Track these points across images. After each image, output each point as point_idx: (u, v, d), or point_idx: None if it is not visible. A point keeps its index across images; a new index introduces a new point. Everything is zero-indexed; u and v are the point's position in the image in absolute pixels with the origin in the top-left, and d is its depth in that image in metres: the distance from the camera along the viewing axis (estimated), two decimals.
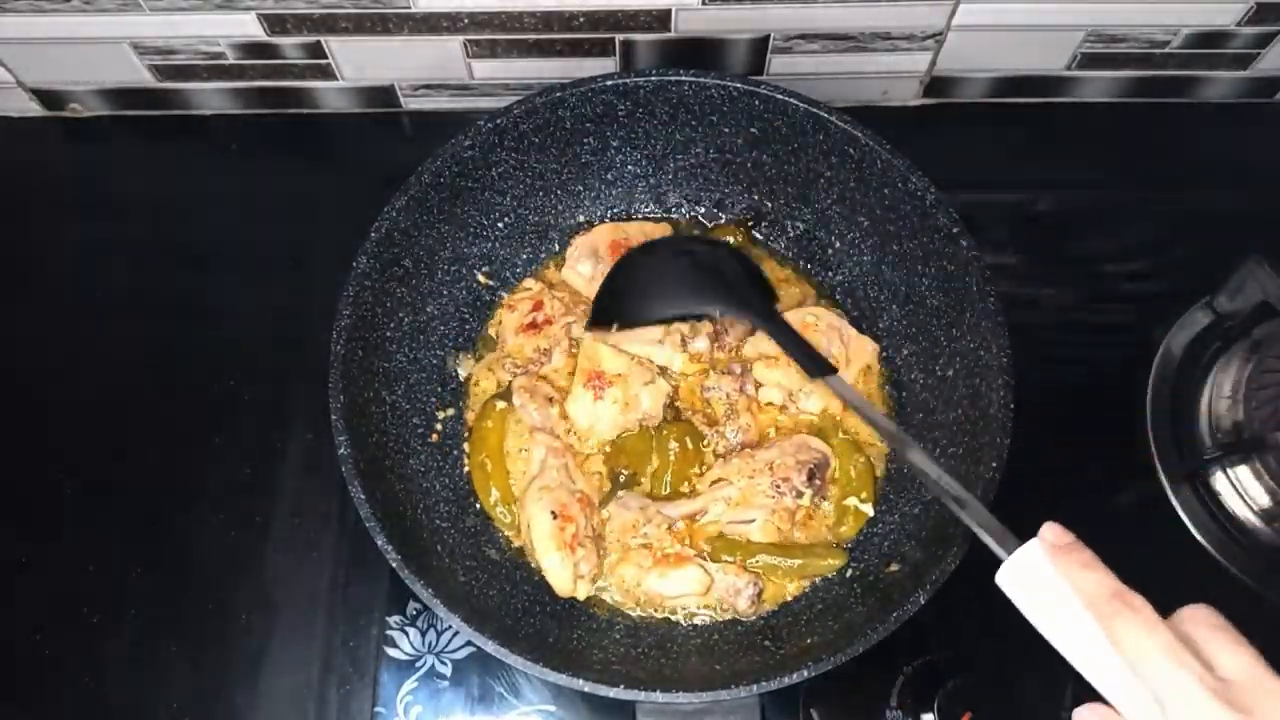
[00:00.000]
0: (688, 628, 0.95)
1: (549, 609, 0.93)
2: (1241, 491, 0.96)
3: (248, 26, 1.07)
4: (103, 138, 1.22)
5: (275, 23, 1.07)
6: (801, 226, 1.07)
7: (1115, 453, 1.03)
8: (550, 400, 1.00)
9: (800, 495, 0.96)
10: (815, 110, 0.94)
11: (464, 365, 1.04)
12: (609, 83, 0.96)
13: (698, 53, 1.12)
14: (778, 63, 1.15)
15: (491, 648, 0.80)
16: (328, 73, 1.15)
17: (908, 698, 0.91)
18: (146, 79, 1.16)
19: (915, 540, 0.92)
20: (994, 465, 0.84)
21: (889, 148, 0.93)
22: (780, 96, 0.95)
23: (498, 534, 0.98)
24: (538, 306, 1.03)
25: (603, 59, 1.13)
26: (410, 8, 1.04)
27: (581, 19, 1.07)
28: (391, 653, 0.98)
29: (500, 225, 1.04)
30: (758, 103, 0.96)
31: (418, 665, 0.98)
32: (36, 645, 0.99)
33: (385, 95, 1.20)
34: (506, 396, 1.01)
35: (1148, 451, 1.01)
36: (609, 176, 1.07)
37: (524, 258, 1.08)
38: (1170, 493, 0.99)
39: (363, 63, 1.14)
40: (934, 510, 0.91)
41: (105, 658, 0.99)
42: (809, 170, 1.01)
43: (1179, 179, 1.19)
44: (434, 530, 0.92)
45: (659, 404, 0.99)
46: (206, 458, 1.06)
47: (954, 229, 0.91)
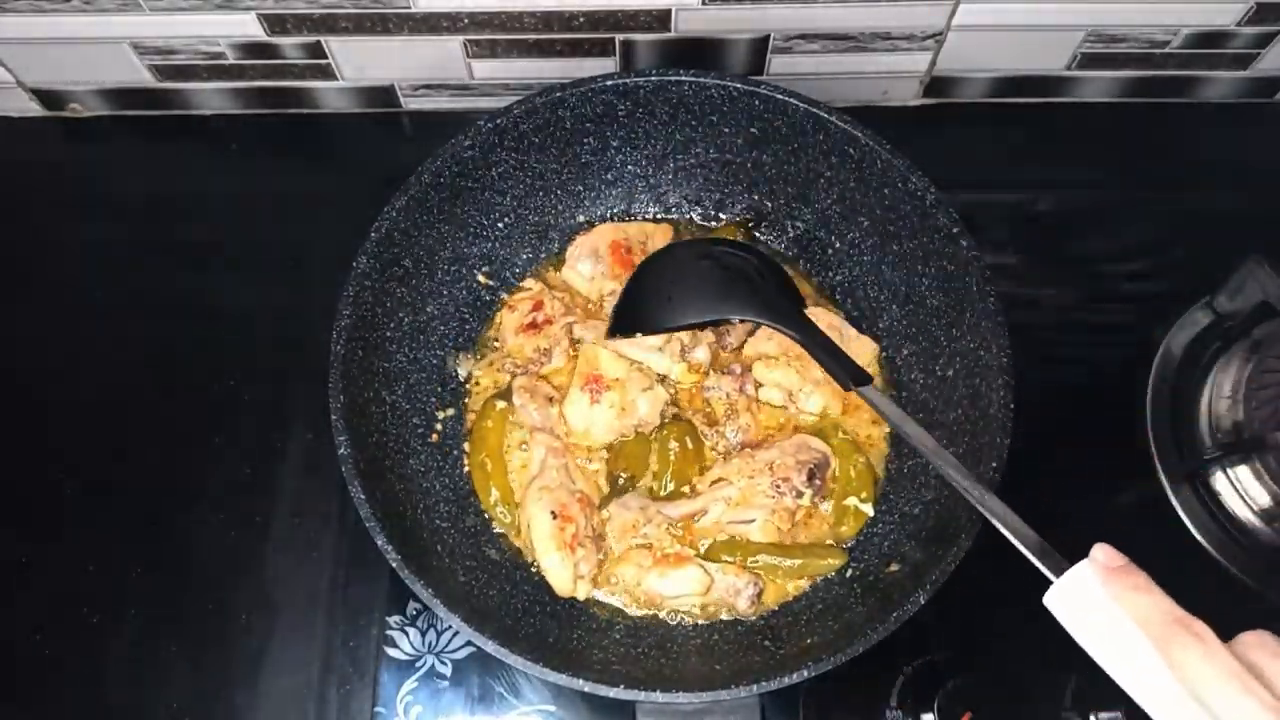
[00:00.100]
0: (688, 628, 0.95)
1: (549, 609, 0.93)
2: (1241, 491, 0.96)
3: (248, 26, 1.07)
4: (103, 138, 1.22)
5: (275, 23, 1.07)
6: (801, 226, 1.07)
7: (1115, 453, 1.03)
8: (550, 400, 1.00)
9: (800, 495, 0.96)
10: (815, 110, 0.94)
11: (464, 365, 1.04)
12: (609, 83, 0.96)
13: (698, 53, 1.12)
14: (778, 63, 1.15)
15: (491, 648, 0.80)
16: (328, 73, 1.15)
17: (908, 698, 0.91)
18: (146, 79, 1.16)
19: (915, 540, 0.92)
20: (994, 465, 0.84)
21: (889, 148, 0.93)
22: (780, 96, 0.95)
23: (498, 534, 0.98)
24: (538, 306, 1.03)
25: (603, 59, 1.13)
26: (410, 8, 1.04)
27: (581, 19, 1.07)
28: (391, 653, 0.98)
29: (500, 225, 1.04)
30: (758, 103, 0.96)
31: (418, 665, 0.98)
32: (36, 645, 0.99)
33: (385, 95, 1.20)
34: (506, 396, 1.01)
35: (1148, 451, 1.01)
36: (609, 176, 1.07)
37: (524, 258, 1.08)
38: (1170, 493, 0.99)
39: (363, 63, 1.14)
40: (934, 510, 0.91)
41: (105, 658, 0.99)
42: (809, 170, 1.01)
43: (1179, 179, 1.19)
44: (434, 530, 0.92)
45: (656, 411, 0.99)
46: (206, 458, 1.06)
47: (954, 229, 0.91)
